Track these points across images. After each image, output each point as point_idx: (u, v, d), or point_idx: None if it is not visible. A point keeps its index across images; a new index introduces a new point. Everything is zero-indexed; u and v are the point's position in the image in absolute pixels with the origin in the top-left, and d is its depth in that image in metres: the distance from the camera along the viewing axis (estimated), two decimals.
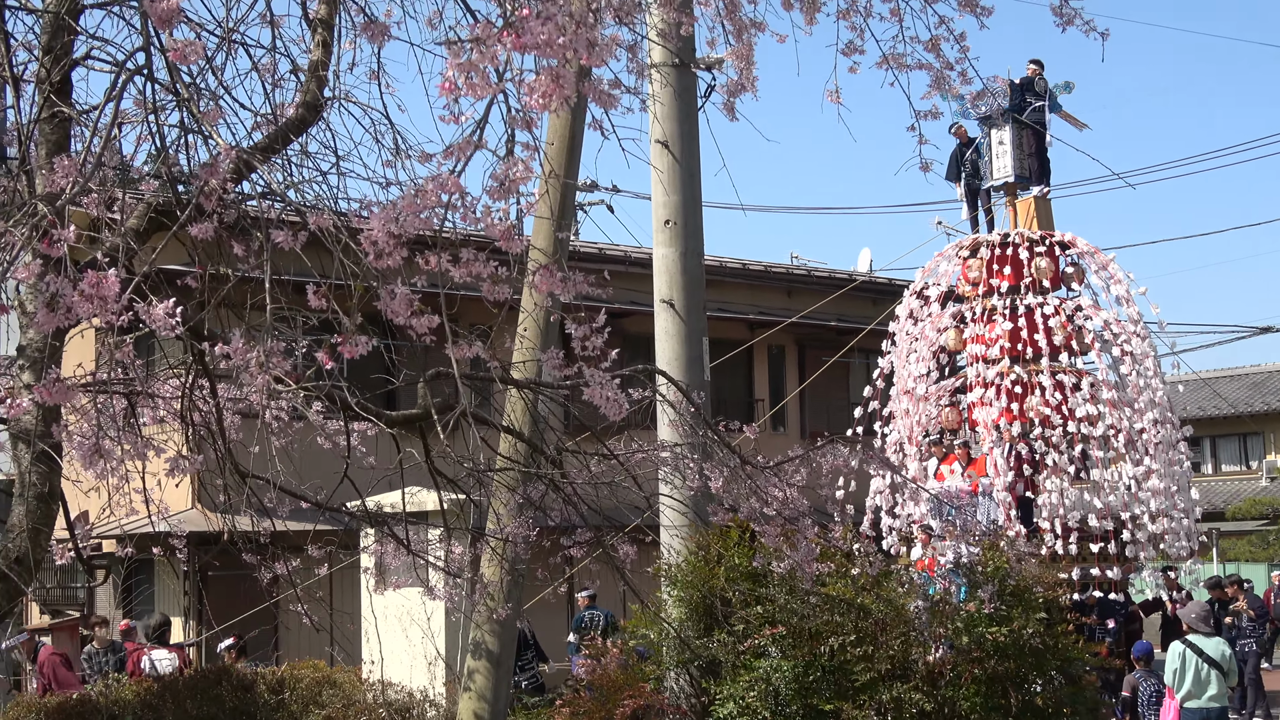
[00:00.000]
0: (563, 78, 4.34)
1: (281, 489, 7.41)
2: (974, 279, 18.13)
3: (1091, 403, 16.72)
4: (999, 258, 17.92)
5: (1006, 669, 10.93)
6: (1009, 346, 17.25)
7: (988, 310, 17.65)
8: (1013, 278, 17.77)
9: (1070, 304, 17.68)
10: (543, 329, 10.82)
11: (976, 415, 17.17)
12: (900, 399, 18.04)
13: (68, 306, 4.29)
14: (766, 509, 8.32)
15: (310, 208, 5.71)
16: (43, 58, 6.04)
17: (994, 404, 16.89)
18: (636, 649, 12.58)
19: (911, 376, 17.92)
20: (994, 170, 18.85)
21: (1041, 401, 16.69)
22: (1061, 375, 17.02)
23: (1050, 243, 18.01)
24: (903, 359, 18.11)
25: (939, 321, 18.08)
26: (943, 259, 18.71)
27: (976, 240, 18.48)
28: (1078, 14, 6.27)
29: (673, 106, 13.20)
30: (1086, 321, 17.40)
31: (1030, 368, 17.06)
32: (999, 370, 17.11)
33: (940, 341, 17.98)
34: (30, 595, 12.64)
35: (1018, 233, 18.15)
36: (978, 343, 17.41)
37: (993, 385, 17.04)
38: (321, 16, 6.39)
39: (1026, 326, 17.24)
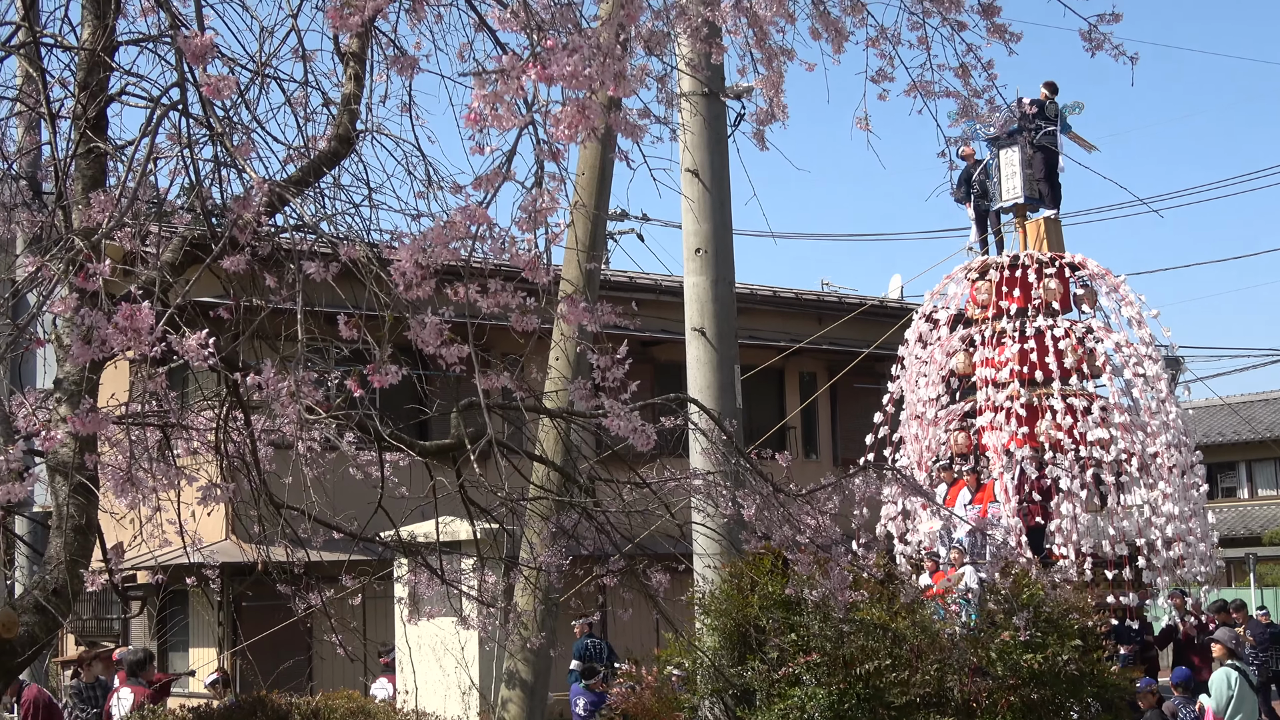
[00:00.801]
0: (589, 109, 4.37)
1: (315, 520, 7.44)
2: (983, 301, 17.88)
3: (1103, 427, 16.42)
4: (1008, 280, 17.68)
5: (1043, 696, 10.87)
6: (1018, 370, 16.97)
7: (997, 333, 17.41)
8: (1022, 300, 17.56)
9: (1081, 326, 17.43)
10: (573, 359, 10.86)
11: (986, 440, 16.91)
12: (910, 424, 17.82)
13: (102, 339, 4.33)
14: (799, 536, 8.32)
15: (342, 239, 5.75)
16: (79, 94, 6.10)
17: (1004, 428, 16.64)
18: (671, 677, 12.56)
19: (921, 401, 17.68)
20: (1003, 192, 18.62)
21: (1052, 425, 16.43)
22: (1072, 399, 16.72)
23: (1060, 264, 17.77)
24: (912, 383, 17.87)
25: (948, 345, 17.82)
26: (951, 281, 18.48)
27: (985, 262, 18.28)
28: (1107, 38, 6.26)
29: (702, 135, 13.24)
30: (1098, 344, 17.13)
31: (1040, 391, 16.83)
32: (1008, 394, 16.86)
33: (949, 365, 17.75)
34: (66, 627, 12.71)
35: (1027, 254, 17.90)
36: (987, 366, 17.16)
37: (1002, 409, 16.78)
38: (353, 50, 6.45)
39: (1036, 349, 17.01)
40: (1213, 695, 12.74)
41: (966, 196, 19.28)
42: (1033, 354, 16.99)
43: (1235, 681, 12.57)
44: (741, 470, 8.40)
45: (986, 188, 18.87)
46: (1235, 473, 49.46)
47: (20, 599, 6.15)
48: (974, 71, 6.54)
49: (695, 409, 8.83)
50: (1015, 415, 16.66)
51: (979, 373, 17.27)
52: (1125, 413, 16.64)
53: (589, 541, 8.47)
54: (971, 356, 17.51)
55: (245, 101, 5.93)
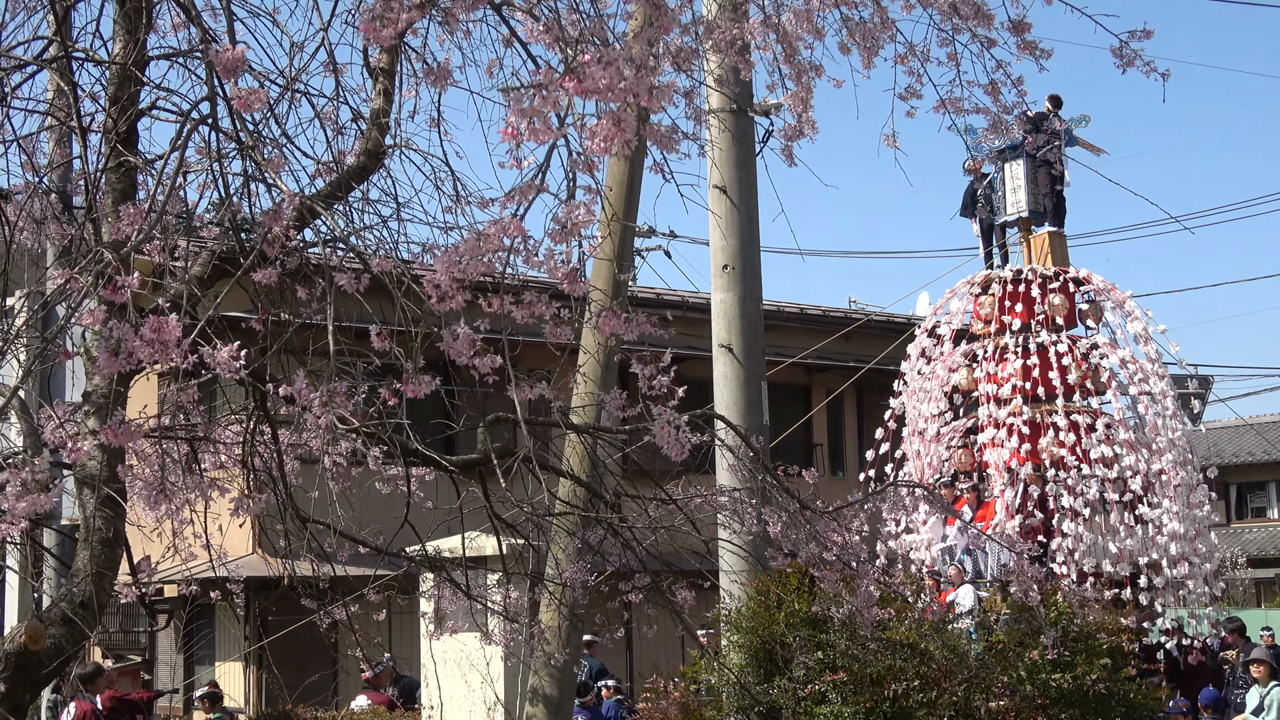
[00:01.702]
0: (624, 121, 4.36)
1: (341, 534, 7.43)
2: (986, 316, 17.57)
3: (1107, 444, 16.13)
4: (1011, 294, 17.38)
5: (1070, 716, 10.80)
6: (1021, 386, 16.66)
7: (999, 348, 17.10)
8: (1025, 315, 17.26)
9: (1085, 342, 17.13)
10: (603, 370, 10.84)
11: (988, 456, 16.58)
12: (911, 440, 17.48)
13: (129, 352, 4.33)
14: (826, 554, 8.28)
15: (373, 254, 5.75)
16: (110, 108, 6.12)
17: (1005, 445, 16.32)
18: (697, 693, 12.51)
19: (922, 417, 17.34)
20: (1007, 205, 18.33)
21: (1055, 442, 16.13)
22: (1076, 415, 16.44)
23: (1064, 279, 17.46)
24: (913, 399, 17.56)
25: (950, 360, 17.53)
26: (954, 296, 18.17)
27: (988, 276, 17.97)
28: (1138, 55, 6.23)
29: (730, 152, 13.22)
30: (1102, 360, 16.81)
31: (1043, 408, 16.55)
32: (1011, 410, 16.56)
33: (952, 381, 17.45)
34: (93, 639, 12.72)
35: (1030, 269, 17.62)
36: (989, 382, 16.84)
37: (1004, 426, 16.46)
38: (383, 65, 6.46)
39: (1039, 365, 16.72)
40: (1275, 715, 12.65)
41: (972, 211, 19.02)
42: (1036, 370, 16.66)
43: None
44: (768, 487, 8.37)
45: (991, 201, 18.62)
46: (1265, 493, 49.16)
47: (48, 611, 6.15)
48: (1003, 88, 6.51)
49: (722, 425, 8.81)
50: (1017, 432, 16.36)
51: (981, 388, 16.94)
52: (1130, 430, 16.34)
53: (614, 558, 8.45)
54: (974, 372, 17.16)
55: (275, 116, 5.94)
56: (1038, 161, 17.76)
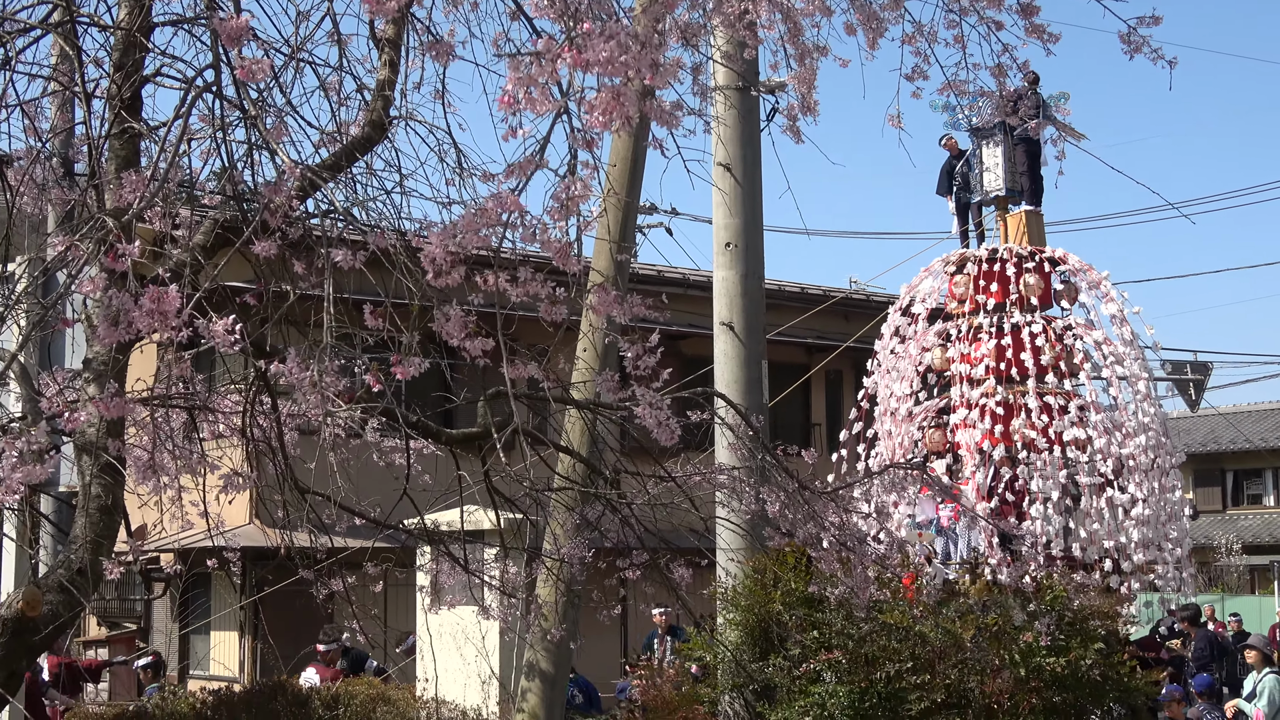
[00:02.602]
0: (624, 96, 4.34)
1: (340, 505, 7.43)
2: (960, 295, 17.33)
3: (1080, 426, 15.86)
4: (986, 274, 17.14)
5: (1064, 700, 10.82)
6: (994, 366, 16.45)
7: (973, 328, 16.87)
8: (999, 295, 16.99)
9: (1060, 323, 16.88)
10: (601, 350, 10.83)
11: (959, 437, 16.37)
12: (883, 420, 17.24)
13: (129, 321, 4.33)
14: (823, 534, 8.29)
15: (373, 227, 5.74)
16: (114, 74, 6.10)
17: (977, 426, 16.10)
18: (691, 670, 12.54)
19: (895, 397, 17.13)
20: (984, 184, 18.08)
21: (1027, 424, 15.91)
22: (1049, 397, 16.22)
23: (1040, 259, 17.22)
24: (886, 378, 17.34)
25: (923, 340, 17.29)
26: (929, 275, 17.91)
27: (963, 255, 17.74)
28: (1145, 42, 6.20)
29: (736, 129, 13.20)
30: (1076, 341, 16.55)
31: (1016, 389, 16.32)
32: (983, 391, 16.30)
33: (925, 360, 17.13)
34: (89, 607, 12.75)
35: (1006, 248, 17.35)
36: (963, 362, 16.60)
37: (976, 406, 16.22)
38: (388, 36, 6.43)
39: (1013, 346, 16.48)
40: (1265, 700, 12.67)
41: (948, 189, 18.74)
42: (1009, 350, 16.41)
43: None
44: (767, 466, 8.37)
45: (968, 179, 18.32)
46: (1262, 479, 49.23)
47: (45, 578, 6.16)
48: (1010, 72, 6.49)
49: (722, 403, 8.81)
50: (989, 413, 16.09)
51: (954, 369, 16.61)
52: (1102, 412, 16.10)
53: (612, 534, 8.46)
54: (947, 352, 16.92)
55: (279, 85, 5.92)
56: (1015, 140, 17.48)
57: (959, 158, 18.42)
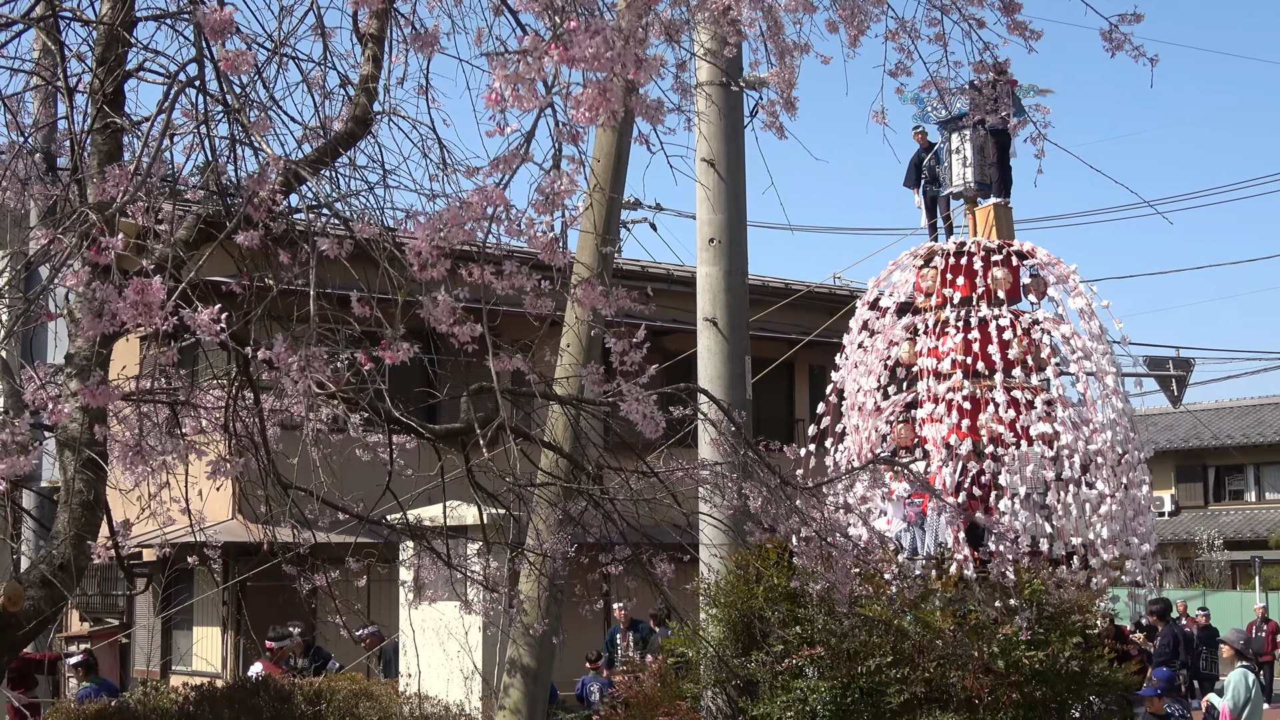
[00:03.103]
0: (610, 91, 4.35)
1: (323, 501, 7.43)
2: (928, 289, 17.08)
3: (1047, 421, 15.63)
4: (953, 267, 16.91)
5: (1044, 694, 10.86)
6: (961, 360, 16.19)
7: (940, 322, 16.62)
8: (967, 288, 16.80)
9: (1027, 317, 16.66)
10: (585, 344, 10.85)
11: (926, 432, 16.14)
12: (850, 414, 16.95)
13: (113, 313, 4.32)
14: (805, 529, 8.31)
15: (357, 219, 5.74)
16: (97, 69, 6.09)
17: (944, 420, 15.89)
18: (674, 666, 12.56)
19: (862, 391, 16.88)
20: (953, 177, 17.85)
21: (994, 419, 15.65)
22: (1016, 392, 15.94)
23: (1008, 252, 17.00)
24: (853, 372, 17.07)
25: (891, 333, 17.01)
26: (897, 268, 17.63)
27: (931, 249, 17.48)
28: (1127, 39, 6.23)
29: (719, 125, 13.21)
30: (1044, 336, 16.31)
31: (983, 383, 16.09)
32: (950, 385, 16.12)
33: (893, 354, 16.87)
34: (71, 602, 12.72)
35: (974, 241, 17.11)
36: (930, 356, 16.36)
37: (943, 401, 16.02)
38: (371, 31, 6.43)
39: (980, 339, 16.23)
40: (1230, 695, 12.71)
41: (915, 181, 18.59)
42: (976, 344, 16.16)
43: (1253, 682, 12.57)
44: (749, 462, 8.39)
45: (936, 173, 18.13)
46: (1243, 475, 49.42)
47: (26, 573, 6.16)
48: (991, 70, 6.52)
49: (705, 399, 8.83)
50: (956, 407, 15.87)
51: (920, 362, 16.35)
52: (1070, 407, 15.99)
53: (595, 529, 8.47)
54: (914, 346, 16.65)
55: (262, 79, 5.92)
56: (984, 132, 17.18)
57: (928, 150, 18.28)
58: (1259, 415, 49.66)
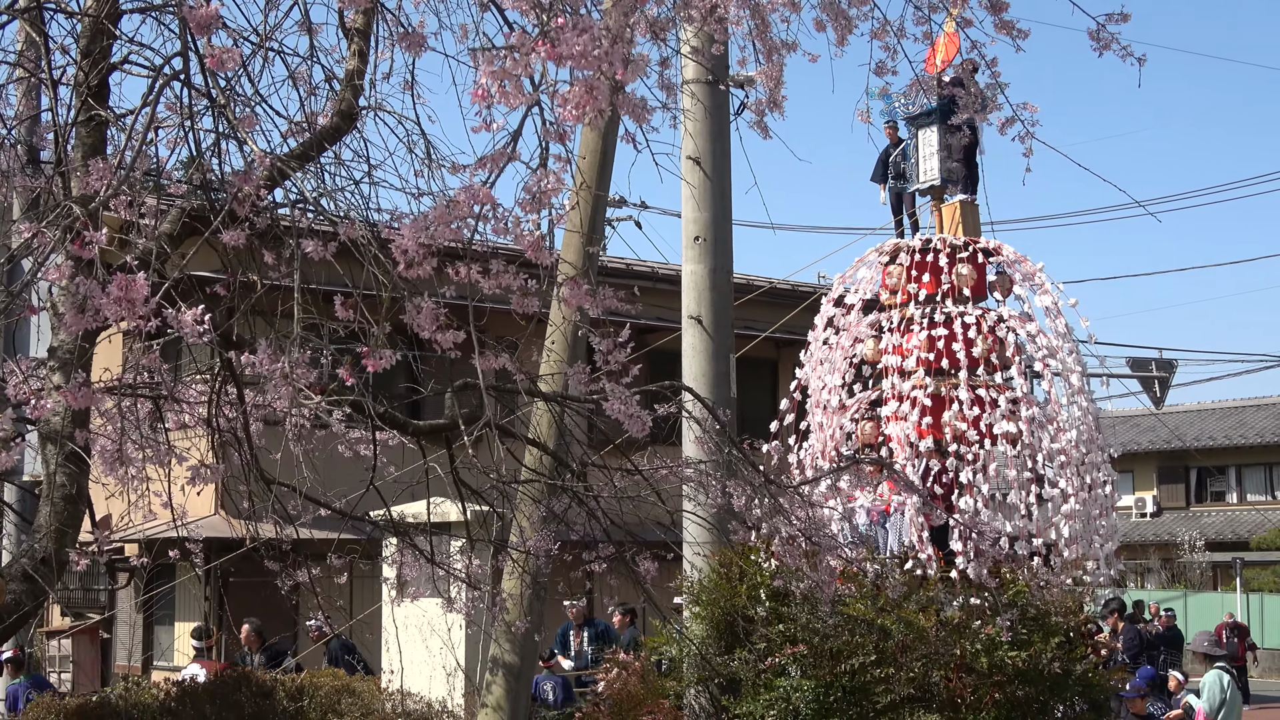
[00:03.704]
0: (597, 89, 4.33)
1: (306, 497, 7.42)
2: (893, 286, 16.64)
3: (1009, 420, 15.20)
4: (918, 264, 16.50)
5: (1027, 694, 10.88)
6: (924, 358, 15.77)
7: (905, 319, 16.25)
8: (932, 285, 16.39)
9: (993, 315, 16.20)
10: (570, 343, 10.83)
11: (890, 430, 15.75)
12: (814, 412, 16.49)
13: (96, 308, 4.30)
14: (789, 528, 8.31)
15: (342, 218, 5.72)
16: (81, 61, 6.07)
17: (908, 418, 15.44)
18: (656, 664, 12.55)
19: (826, 388, 16.42)
20: (919, 173, 17.50)
21: (958, 417, 15.26)
22: (980, 390, 15.52)
23: (974, 249, 16.61)
24: (816, 370, 16.59)
25: (856, 331, 16.57)
26: (863, 265, 17.19)
27: (897, 245, 17.08)
28: (1114, 38, 6.23)
29: (705, 123, 13.20)
30: (1010, 334, 15.82)
31: (949, 382, 15.68)
32: (914, 383, 15.72)
33: (858, 352, 16.46)
34: (53, 597, 12.68)
35: (940, 238, 16.75)
36: (895, 353, 15.95)
37: (907, 399, 15.60)
38: (358, 26, 6.42)
39: (944, 337, 15.80)
40: (1205, 696, 12.74)
41: (883, 177, 18.45)
42: (940, 342, 15.72)
43: (1228, 684, 12.60)
44: (733, 460, 8.39)
45: (902, 169, 17.87)
46: (1225, 477, 49.60)
47: (8, 567, 6.14)
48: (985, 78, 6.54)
49: (690, 397, 8.82)
50: (920, 405, 15.45)
51: (885, 360, 15.95)
52: (1034, 405, 15.88)
53: (579, 527, 8.47)
54: (879, 343, 16.26)
55: (248, 74, 5.90)
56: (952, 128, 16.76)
57: (897, 145, 18.12)
58: (1241, 417, 49.84)
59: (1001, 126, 6.86)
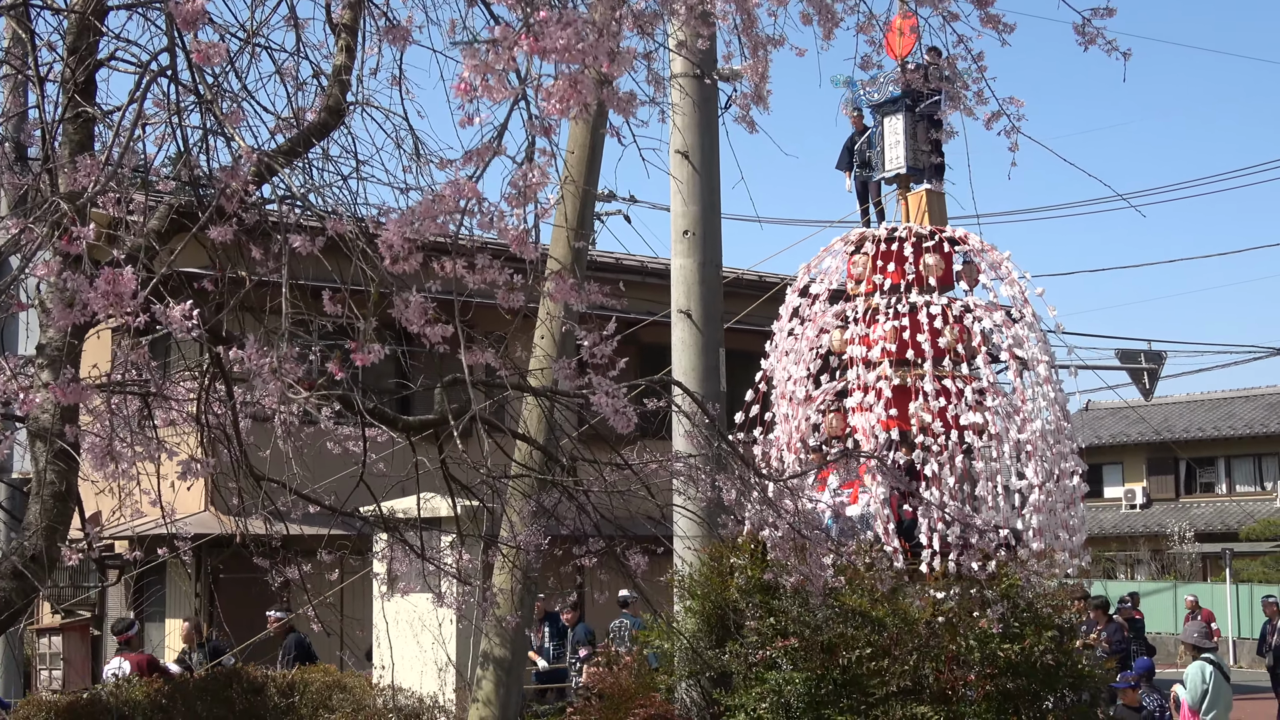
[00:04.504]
0: (581, 83, 4.34)
1: (296, 493, 7.42)
2: (859, 275, 16.55)
3: (975, 410, 15.13)
4: (884, 254, 16.38)
5: (1018, 686, 10.91)
6: (889, 349, 15.66)
7: (870, 309, 16.15)
8: (897, 275, 16.27)
9: (959, 305, 16.10)
10: (559, 338, 10.82)
11: (855, 421, 15.56)
12: (779, 403, 16.36)
13: (84, 304, 4.30)
14: (779, 521, 8.33)
15: (330, 214, 5.72)
16: (68, 58, 6.06)
17: (874, 409, 15.34)
18: (648, 658, 12.56)
19: (791, 379, 16.27)
20: (885, 161, 17.36)
21: (923, 408, 15.18)
22: (946, 380, 15.44)
23: (940, 238, 16.47)
24: (781, 360, 16.46)
25: (821, 321, 16.46)
26: (828, 254, 17.07)
27: (862, 235, 16.91)
28: (1100, 33, 6.24)
29: (693, 117, 13.20)
30: (976, 324, 15.75)
31: (914, 373, 15.55)
32: (879, 374, 15.56)
33: (824, 342, 16.33)
34: (43, 594, 12.64)
35: (905, 227, 16.60)
36: (860, 344, 15.84)
37: (872, 390, 15.46)
38: (345, 21, 6.41)
39: (910, 327, 15.71)
40: (1188, 687, 12.77)
41: (848, 165, 18.11)
42: (906, 332, 15.65)
43: (1210, 675, 12.62)
44: (723, 454, 8.40)
45: (867, 157, 17.67)
46: (1214, 468, 49.72)
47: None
48: (962, 62, 6.54)
49: (679, 391, 8.83)
50: (885, 397, 15.31)
51: (850, 350, 15.84)
52: (1000, 396, 15.69)
53: (569, 521, 8.47)
54: (844, 333, 16.14)
55: (235, 70, 5.90)
56: (918, 116, 16.83)
57: (862, 134, 17.77)
58: (1230, 408, 49.95)
59: (988, 121, 6.85)
